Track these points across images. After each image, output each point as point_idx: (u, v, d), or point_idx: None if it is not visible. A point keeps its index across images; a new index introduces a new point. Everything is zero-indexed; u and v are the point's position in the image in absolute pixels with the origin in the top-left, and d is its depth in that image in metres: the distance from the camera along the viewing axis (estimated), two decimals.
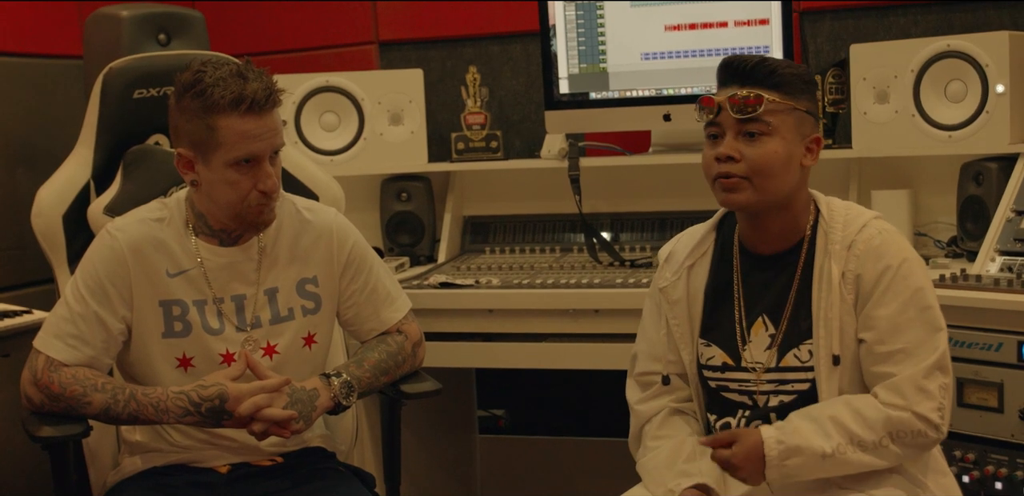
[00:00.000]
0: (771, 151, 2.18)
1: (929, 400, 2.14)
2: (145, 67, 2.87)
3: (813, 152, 2.23)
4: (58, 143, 3.27)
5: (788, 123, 2.19)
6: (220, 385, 2.36)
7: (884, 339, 2.17)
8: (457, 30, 4.10)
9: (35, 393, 2.39)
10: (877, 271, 2.19)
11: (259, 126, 2.34)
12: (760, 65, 2.19)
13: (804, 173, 2.24)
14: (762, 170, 2.18)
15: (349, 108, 3.76)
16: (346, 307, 2.60)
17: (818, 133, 2.25)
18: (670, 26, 3.57)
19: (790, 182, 2.21)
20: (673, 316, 2.34)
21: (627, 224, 3.72)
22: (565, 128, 3.71)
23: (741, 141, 2.19)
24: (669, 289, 2.36)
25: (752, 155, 2.18)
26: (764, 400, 2.26)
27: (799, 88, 2.20)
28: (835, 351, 2.20)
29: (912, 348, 2.16)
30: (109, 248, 2.44)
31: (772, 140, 2.18)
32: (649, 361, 2.39)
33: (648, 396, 2.38)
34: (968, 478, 2.77)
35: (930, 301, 2.20)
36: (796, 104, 2.19)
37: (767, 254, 2.29)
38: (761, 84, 2.18)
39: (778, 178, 2.19)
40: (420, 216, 3.78)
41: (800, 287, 2.25)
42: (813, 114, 2.24)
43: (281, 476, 2.52)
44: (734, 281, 2.31)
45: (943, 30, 3.54)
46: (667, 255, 2.41)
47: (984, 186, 3.14)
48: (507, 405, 4.41)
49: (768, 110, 2.17)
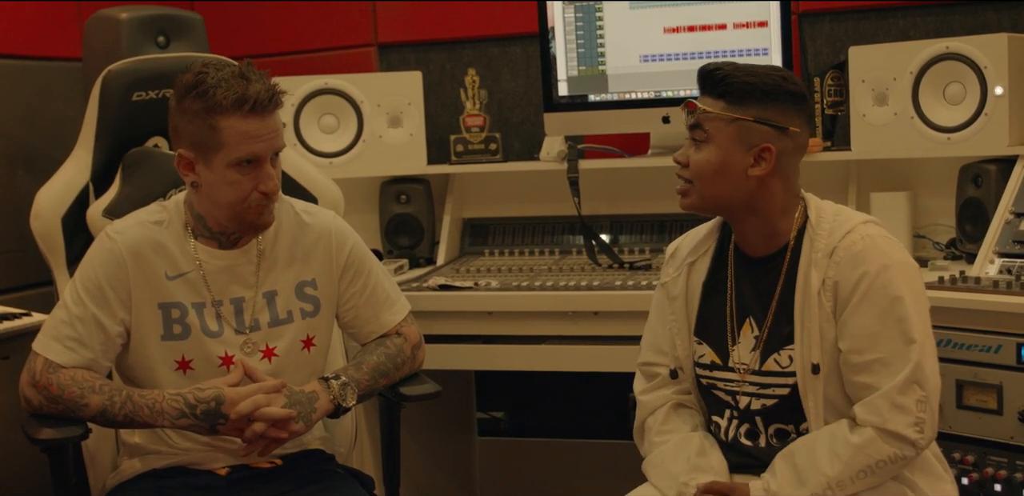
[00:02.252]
0: (703, 159, 2.22)
1: (904, 416, 2.13)
2: (144, 69, 2.87)
3: (765, 162, 2.20)
4: (57, 145, 3.27)
5: (727, 132, 2.20)
6: (217, 388, 2.36)
7: (859, 348, 2.17)
8: (456, 32, 4.10)
9: (34, 395, 2.39)
10: (854, 278, 2.18)
11: (261, 127, 2.34)
12: (713, 73, 2.21)
13: (761, 181, 2.21)
14: (697, 176, 2.24)
15: (348, 110, 3.76)
16: (345, 310, 2.60)
17: (772, 144, 2.19)
18: (669, 28, 3.58)
19: (734, 190, 2.22)
20: (671, 311, 2.37)
21: (626, 226, 3.72)
22: (564, 130, 3.71)
23: (692, 147, 2.25)
24: (670, 284, 2.39)
25: (692, 161, 2.24)
26: (747, 402, 2.27)
27: (752, 97, 2.19)
28: (815, 360, 2.20)
29: (888, 358, 2.15)
30: (108, 251, 2.44)
31: (708, 147, 2.22)
32: (651, 352, 2.42)
33: (652, 387, 2.41)
34: (967, 480, 2.77)
35: (907, 311, 2.16)
36: (740, 114, 2.19)
37: (756, 257, 2.30)
38: (712, 92, 2.22)
39: (715, 185, 2.22)
40: (419, 218, 3.78)
41: (783, 292, 2.25)
42: (771, 123, 2.19)
43: (280, 478, 2.52)
44: (727, 280, 2.32)
45: (942, 32, 3.54)
46: (673, 250, 2.44)
47: (983, 188, 3.14)
48: (506, 407, 4.41)
49: (705, 118, 2.21)
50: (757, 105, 2.19)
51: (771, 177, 2.22)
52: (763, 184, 2.22)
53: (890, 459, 2.15)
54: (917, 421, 2.14)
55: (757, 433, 2.28)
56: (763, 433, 2.27)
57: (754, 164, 2.21)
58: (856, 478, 2.15)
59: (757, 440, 2.28)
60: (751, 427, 2.28)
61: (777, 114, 2.21)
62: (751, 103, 2.19)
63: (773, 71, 2.24)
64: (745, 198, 2.23)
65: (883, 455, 2.14)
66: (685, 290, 2.36)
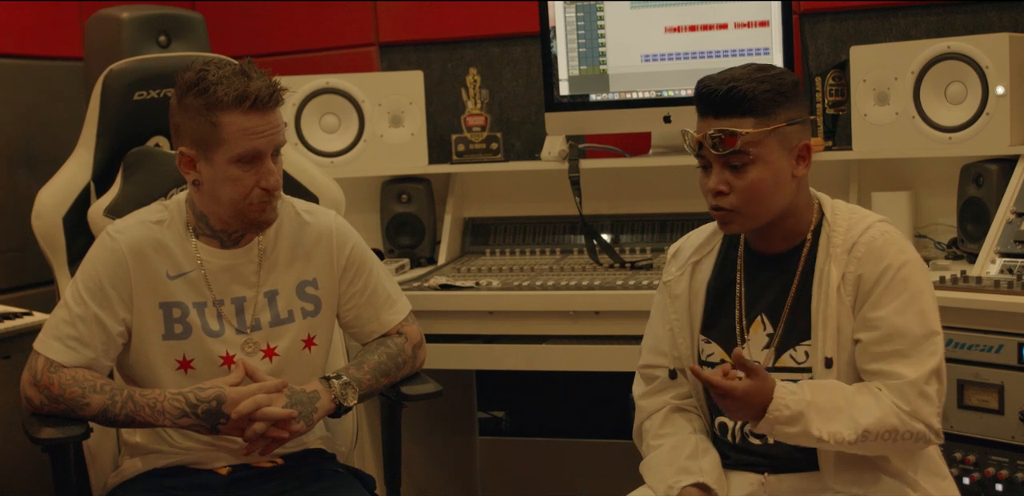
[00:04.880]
0: (757, 180, 2.17)
1: (930, 406, 2.15)
2: (145, 69, 2.87)
3: (805, 160, 2.21)
4: (58, 145, 3.27)
5: (770, 146, 2.17)
6: (218, 387, 2.37)
7: (881, 340, 2.17)
8: (457, 32, 4.10)
9: (35, 394, 2.39)
10: (877, 271, 2.18)
11: (262, 123, 2.34)
12: (730, 93, 2.15)
13: (799, 182, 2.23)
14: (750, 200, 2.18)
15: (349, 110, 3.77)
16: (346, 309, 2.60)
17: (806, 139, 2.21)
18: (670, 28, 3.58)
19: (785, 198, 2.21)
20: (673, 310, 2.36)
21: (627, 226, 3.72)
22: (565, 130, 3.71)
23: (728, 172, 2.18)
24: (672, 283, 2.38)
25: (739, 186, 2.18)
26: None
27: (777, 103, 2.17)
28: (828, 354, 2.20)
29: (908, 350, 2.16)
30: (109, 250, 2.44)
31: (756, 168, 2.17)
32: (651, 354, 2.40)
33: (651, 391, 2.40)
34: (969, 480, 2.77)
35: (927, 305, 2.19)
36: (775, 123, 2.17)
37: (769, 254, 2.29)
38: (734, 112, 2.15)
39: (770, 201, 2.19)
40: (420, 218, 3.78)
41: (799, 288, 2.25)
42: (798, 121, 2.20)
43: (281, 478, 2.52)
44: (736, 279, 2.32)
45: (944, 32, 3.54)
46: (675, 250, 2.43)
47: (984, 188, 3.14)
48: (507, 407, 4.41)
49: (746, 142, 2.15)
50: (781, 108, 2.17)
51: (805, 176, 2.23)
52: (799, 182, 2.23)
53: (913, 436, 2.13)
54: (938, 412, 2.16)
55: None
56: None
57: (797, 164, 2.20)
58: (879, 437, 2.12)
59: (765, 438, 2.27)
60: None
61: (798, 109, 2.21)
62: (777, 109, 2.17)
63: (767, 70, 2.20)
64: (790, 202, 2.22)
65: (911, 428, 2.13)
66: (689, 289, 2.35)
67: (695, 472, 2.23)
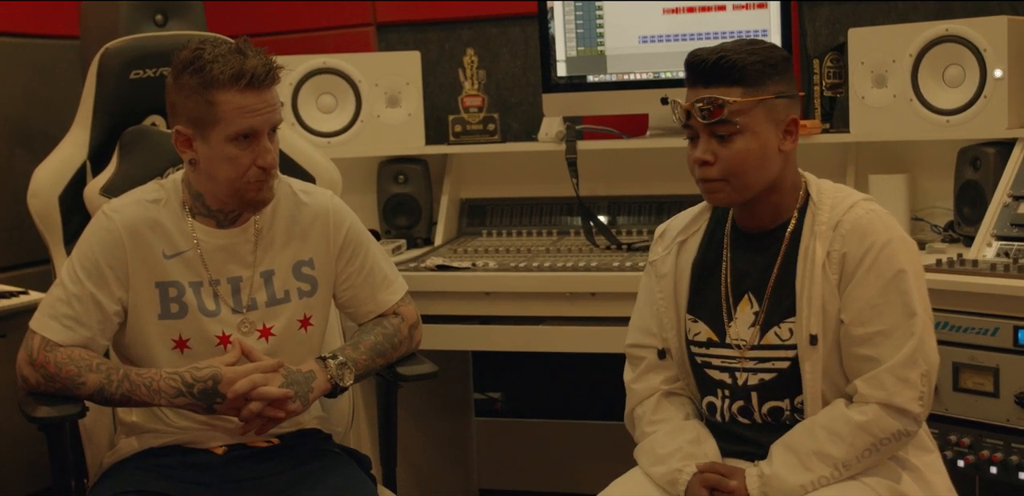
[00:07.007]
0: (743, 150, 2.17)
1: (910, 390, 2.15)
2: (142, 48, 2.86)
3: (792, 135, 2.22)
4: (55, 123, 3.27)
5: (757, 117, 2.17)
6: (214, 367, 2.37)
7: (861, 320, 2.18)
8: (455, 12, 4.09)
9: (31, 373, 2.39)
10: (862, 249, 2.18)
11: (258, 101, 2.34)
12: (720, 62, 2.16)
13: (786, 156, 2.23)
14: (736, 170, 2.18)
15: (346, 90, 3.76)
16: (342, 289, 2.60)
17: (795, 113, 2.22)
18: (668, 9, 3.57)
19: (771, 171, 2.21)
20: (659, 289, 2.37)
21: (624, 207, 3.72)
22: (563, 111, 3.70)
23: (715, 142, 2.19)
24: (659, 263, 2.39)
25: (725, 156, 2.18)
26: (744, 378, 2.27)
27: (766, 75, 2.17)
28: (813, 331, 2.20)
29: (889, 330, 2.16)
30: (105, 229, 2.44)
31: (743, 138, 2.17)
32: (638, 333, 2.42)
33: (640, 374, 2.41)
34: (963, 462, 2.78)
35: (909, 285, 2.18)
36: (763, 94, 2.17)
37: (755, 232, 2.30)
38: (723, 81, 2.16)
39: (756, 172, 2.19)
40: (417, 198, 3.78)
41: (783, 265, 2.25)
42: (787, 95, 2.21)
43: (277, 457, 2.52)
44: (723, 257, 2.32)
45: (942, 14, 3.53)
46: (662, 231, 2.44)
47: (981, 171, 3.14)
48: (503, 388, 4.42)
49: (733, 111, 2.16)
50: (771, 81, 2.18)
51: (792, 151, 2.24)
52: (787, 157, 2.23)
53: (894, 436, 2.15)
54: (921, 395, 2.16)
55: (751, 410, 2.28)
56: (756, 410, 2.27)
57: (784, 138, 2.21)
58: (861, 457, 2.15)
59: (752, 417, 2.28)
60: (745, 404, 2.28)
61: (788, 84, 2.22)
62: (767, 80, 2.18)
63: (757, 44, 2.21)
64: (776, 176, 2.23)
65: (888, 432, 2.14)
66: (675, 268, 2.36)
67: (701, 457, 2.25)
